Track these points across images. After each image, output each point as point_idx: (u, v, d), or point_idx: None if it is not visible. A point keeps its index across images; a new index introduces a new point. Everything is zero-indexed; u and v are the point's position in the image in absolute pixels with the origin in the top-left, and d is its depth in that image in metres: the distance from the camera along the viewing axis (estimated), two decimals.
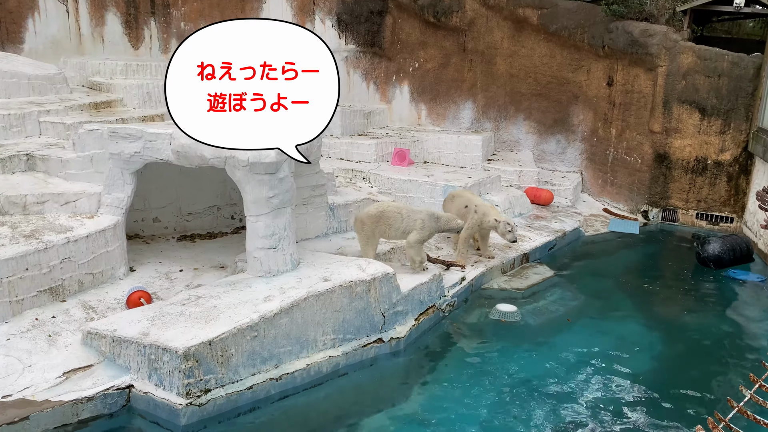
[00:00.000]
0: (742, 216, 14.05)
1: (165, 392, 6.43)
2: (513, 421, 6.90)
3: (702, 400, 7.28)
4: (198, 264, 9.29)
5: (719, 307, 10.14)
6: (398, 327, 8.41)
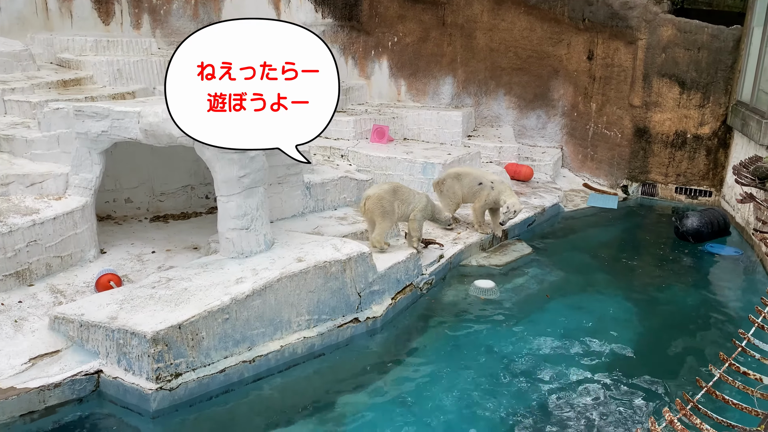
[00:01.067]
0: (721, 190, 14.10)
1: (134, 377, 6.32)
2: (491, 398, 6.88)
3: (676, 377, 7.31)
4: (171, 245, 9.11)
5: (697, 282, 10.18)
6: (375, 306, 8.33)
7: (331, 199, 10.49)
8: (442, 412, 6.64)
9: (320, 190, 10.29)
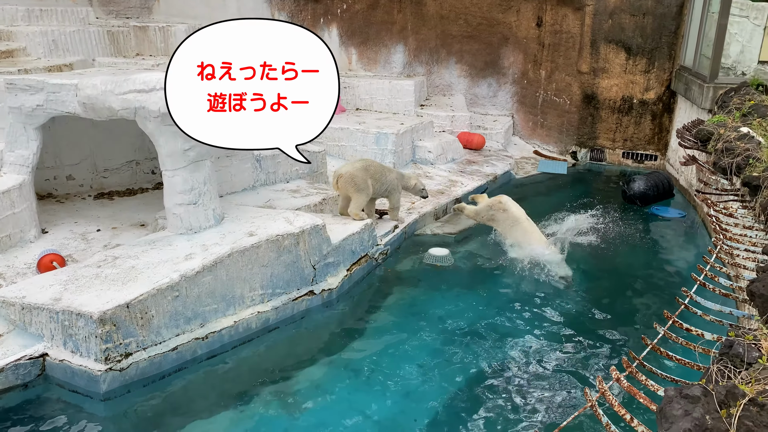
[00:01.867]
0: (666, 154, 14.48)
1: (82, 359, 6.13)
2: (448, 366, 6.96)
3: (625, 337, 7.55)
4: (117, 223, 8.82)
5: (644, 243, 10.48)
6: (330, 278, 8.29)
7: (282, 172, 10.31)
8: (399, 380, 6.69)
9: (271, 162, 10.10)
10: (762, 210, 6.18)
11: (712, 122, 9.30)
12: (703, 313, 4.65)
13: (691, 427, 2.49)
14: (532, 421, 5.97)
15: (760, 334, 3.43)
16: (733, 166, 7.33)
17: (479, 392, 6.50)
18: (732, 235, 6.12)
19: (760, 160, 6.97)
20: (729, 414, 2.54)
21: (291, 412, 6.19)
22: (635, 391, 3.43)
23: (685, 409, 2.55)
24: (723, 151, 7.78)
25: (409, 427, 6.03)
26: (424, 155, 13.31)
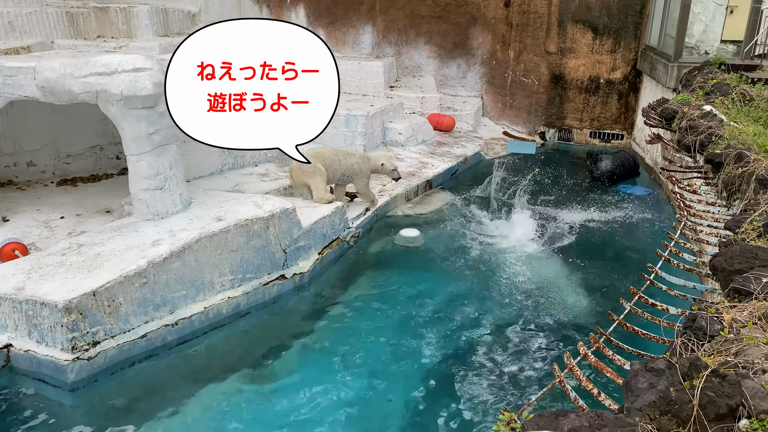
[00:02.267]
0: (632, 133, 14.68)
1: (48, 349, 6.02)
2: (420, 345, 7.01)
3: (593, 313, 7.69)
4: (81, 210, 8.63)
5: (611, 221, 10.64)
6: (301, 262, 8.24)
7: (251, 155, 10.20)
8: (372, 361, 6.72)
9: None
10: (724, 186, 6.31)
11: (677, 101, 9.44)
12: (668, 288, 4.74)
13: (656, 399, 2.54)
14: (502, 398, 6.05)
15: (722, 307, 3.51)
16: (696, 144, 7.46)
17: (451, 371, 6.56)
18: (695, 212, 6.24)
19: (722, 138, 7.10)
20: (692, 386, 2.60)
21: (265, 396, 6.18)
22: (602, 366, 3.49)
23: (650, 382, 2.60)
24: (687, 130, 7.91)
25: (384, 407, 6.07)
26: (394, 137, 13.27)
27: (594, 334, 3.85)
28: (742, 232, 4.84)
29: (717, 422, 2.53)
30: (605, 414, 2.48)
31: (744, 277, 3.72)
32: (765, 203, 5.22)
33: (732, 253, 4.00)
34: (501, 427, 2.56)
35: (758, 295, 3.56)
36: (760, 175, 5.71)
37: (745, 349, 3.06)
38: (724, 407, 2.54)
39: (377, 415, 5.94)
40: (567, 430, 2.37)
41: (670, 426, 2.52)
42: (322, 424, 5.82)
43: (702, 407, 2.53)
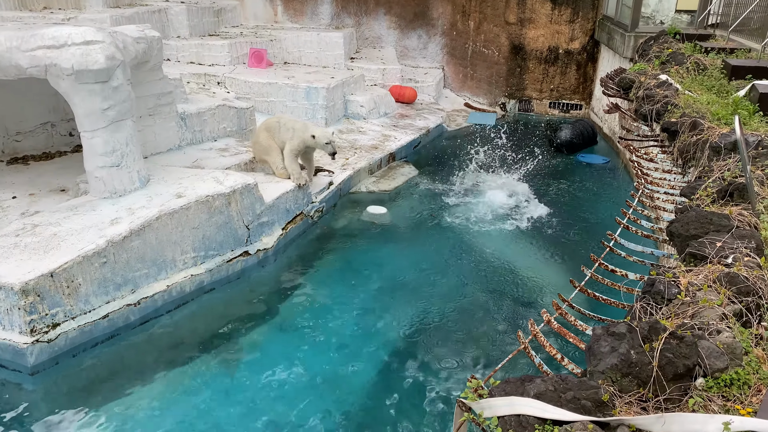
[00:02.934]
0: (590, 102, 14.88)
1: (5, 332, 5.86)
2: (385, 318, 7.06)
3: (556, 280, 7.85)
4: (34, 189, 8.33)
5: (571, 190, 10.83)
6: (265, 238, 8.17)
7: (209, 130, 9.99)
8: (337, 334, 6.75)
9: (197, 120, 9.74)
10: (680, 154, 6.47)
11: (633, 70, 9.58)
12: (627, 255, 4.87)
13: (618, 362, 2.62)
14: (468, 366, 6.17)
15: (679, 271, 3.63)
16: (653, 113, 7.61)
17: (417, 341, 6.64)
18: (653, 179, 6.39)
19: (677, 107, 7.26)
20: (652, 348, 2.69)
21: (232, 373, 6.15)
22: (565, 332, 3.57)
23: (612, 346, 2.68)
24: (643, 99, 8.05)
25: (349, 377, 6.11)
26: (356, 110, 13.17)
27: (556, 301, 3.94)
28: (697, 198, 4.98)
29: (675, 382, 2.63)
30: (569, 378, 2.55)
31: (699, 242, 3.84)
32: (718, 170, 5.37)
33: (688, 219, 4.11)
34: (468, 393, 2.60)
35: (713, 259, 3.68)
36: (714, 142, 5.87)
37: (701, 311, 3.17)
38: (681, 367, 2.63)
39: (344, 386, 5.98)
40: (533, 395, 2.42)
41: (631, 387, 2.60)
42: (289, 397, 5.84)
43: (661, 368, 2.62)
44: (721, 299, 3.23)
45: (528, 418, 2.36)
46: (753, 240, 3.81)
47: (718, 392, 2.67)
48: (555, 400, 2.42)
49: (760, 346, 3.02)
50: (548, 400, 2.42)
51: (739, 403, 2.60)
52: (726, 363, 2.74)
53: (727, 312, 3.15)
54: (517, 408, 2.38)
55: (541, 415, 2.36)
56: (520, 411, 2.37)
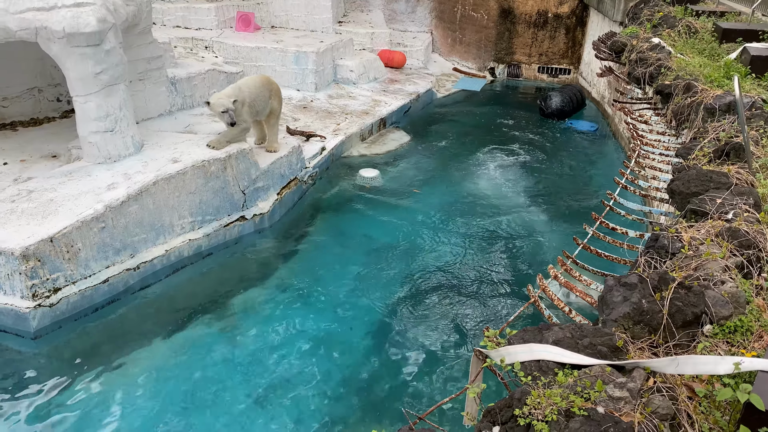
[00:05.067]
0: (579, 67, 14.90)
1: (7, 297, 5.86)
2: (380, 280, 7.16)
3: (560, 241, 7.97)
4: (24, 155, 8.22)
5: (564, 156, 10.93)
6: (260, 203, 8.18)
7: (200, 95, 9.87)
8: (334, 296, 6.84)
9: (187, 85, 9.62)
10: (673, 116, 6.56)
11: (626, 34, 9.61)
12: (626, 213, 4.98)
13: (630, 310, 2.72)
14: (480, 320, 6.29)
15: (681, 227, 3.73)
16: (646, 76, 7.67)
17: (415, 301, 6.75)
18: (647, 141, 6.49)
19: (670, 69, 7.33)
20: (662, 297, 2.79)
21: (230, 335, 6.23)
22: (571, 286, 3.68)
23: (624, 296, 2.78)
24: (636, 62, 8.10)
25: (348, 338, 6.21)
26: (346, 75, 13.07)
27: (561, 258, 4.04)
28: (693, 158, 5.08)
29: (684, 328, 2.74)
30: (585, 326, 2.65)
31: (700, 199, 3.95)
32: (713, 131, 5.47)
33: (688, 177, 4.21)
34: (487, 342, 2.69)
35: (713, 215, 3.79)
36: (708, 104, 5.96)
37: (704, 263, 3.29)
38: (690, 315, 2.75)
39: (342, 347, 6.08)
40: (551, 342, 2.52)
41: (643, 334, 2.71)
42: (288, 358, 5.93)
43: (671, 316, 2.73)
44: (724, 252, 3.35)
45: (548, 363, 2.46)
46: (751, 196, 3.92)
47: (724, 338, 2.79)
48: (572, 346, 2.52)
49: (760, 295, 3.15)
50: (566, 346, 2.52)
51: (743, 348, 2.73)
52: (731, 311, 2.86)
53: (729, 264, 3.27)
54: (536, 354, 2.47)
55: (560, 360, 2.46)
56: (540, 356, 2.47)
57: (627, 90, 8.56)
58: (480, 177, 9.88)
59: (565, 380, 2.33)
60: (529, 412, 2.17)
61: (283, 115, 10.17)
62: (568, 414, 2.13)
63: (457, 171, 10.13)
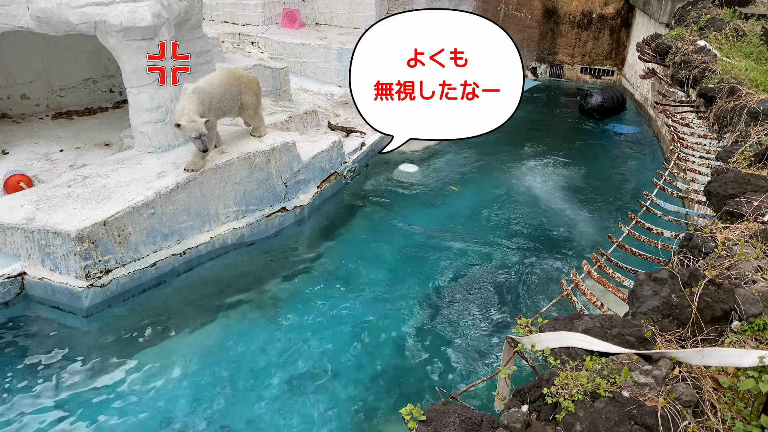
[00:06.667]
0: (622, 69, 14.75)
1: (62, 276, 6.20)
2: (417, 273, 7.30)
3: (595, 239, 7.99)
4: (79, 143, 8.64)
5: (604, 157, 10.90)
6: (301, 195, 8.41)
7: None
8: (370, 289, 7.00)
9: None
10: (716, 119, 6.52)
11: (671, 36, 9.52)
12: (663, 214, 5.01)
13: (659, 304, 2.81)
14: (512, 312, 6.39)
15: (716, 228, 3.78)
16: (690, 79, 7.62)
17: (451, 294, 6.87)
18: (688, 143, 6.47)
19: (715, 72, 7.27)
20: (691, 293, 2.87)
21: (268, 321, 6.46)
22: (604, 282, 3.76)
23: (654, 290, 2.86)
24: (680, 64, 8.05)
25: (382, 326, 6.37)
26: None
27: (596, 255, 4.12)
28: (733, 162, 5.08)
29: (712, 324, 2.82)
30: (614, 317, 2.75)
31: (736, 201, 3.98)
32: (755, 135, 5.45)
33: (726, 179, 4.24)
34: (519, 329, 2.82)
35: (749, 216, 3.82)
36: (752, 108, 5.92)
37: (737, 264, 3.34)
38: (719, 311, 2.82)
39: (378, 338, 6.23)
40: (581, 330, 2.63)
41: (671, 327, 2.79)
42: (323, 345, 6.11)
43: (700, 311, 2.80)
44: (757, 253, 3.39)
45: (577, 350, 2.57)
46: None
47: (752, 335, 2.85)
48: (601, 335, 2.63)
49: None
50: (595, 335, 2.62)
51: None
52: (760, 309, 2.92)
53: (762, 265, 3.31)
54: (566, 341, 2.59)
55: (589, 347, 2.57)
56: (569, 344, 2.58)
57: (669, 92, 8.50)
58: (518, 174, 9.93)
59: (592, 365, 2.44)
60: (557, 391, 2.28)
61: (324, 111, 10.40)
62: (593, 395, 2.24)
63: (495, 168, 10.19)
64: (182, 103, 6.75)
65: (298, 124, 9.82)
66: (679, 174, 5.83)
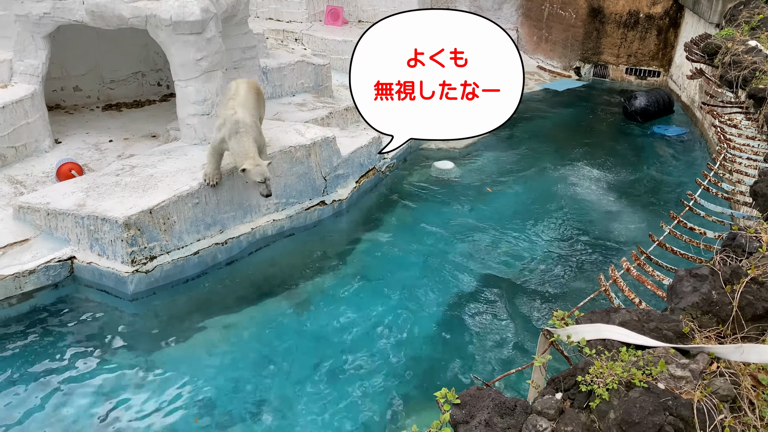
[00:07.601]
0: (669, 70, 14.43)
1: (109, 261, 6.43)
2: (453, 271, 7.31)
3: (634, 237, 7.88)
4: (128, 134, 8.92)
5: (648, 159, 10.69)
6: (340, 190, 8.51)
7: (288, 85, 10.32)
8: (404, 285, 7.02)
9: (277, 75, 10.09)
10: (765, 121, 6.36)
11: (721, 36, 9.29)
12: (706, 215, 4.92)
13: (699, 300, 2.78)
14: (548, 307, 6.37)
15: (761, 228, 3.70)
16: (739, 79, 7.44)
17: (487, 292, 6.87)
18: (735, 145, 6.32)
19: (766, 73, 7.08)
20: (733, 290, 2.83)
21: (304, 312, 6.57)
22: (643, 279, 3.73)
23: (694, 286, 2.84)
24: (730, 65, 7.86)
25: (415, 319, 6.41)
26: None
27: (635, 252, 4.08)
28: None
29: (753, 322, 2.78)
30: (652, 311, 2.74)
31: None
32: None
33: None
34: (556, 321, 2.83)
35: None
36: None
37: None
38: (761, 309, 2.78)
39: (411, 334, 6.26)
40: (618, 323, 2.63)
41: (711, 324, 2.77)
42: (356, 337, 6.19)
43: (741, 309, 2.77)
44: None
45: (612, 342, 2.57)
46: None
47: None
48: (638, 329, 2.62)
49: None
50: (632, 328, 2.62)
51: None
52: None
53: None
54: (602, 333, 2.59)
55: (625, 340, 2.56)
56: (605, 336, 2.58)
57: (717, 93, 8.31)
58: (557, 174, 9.84)
59: (628, 357, 2.44)
60: (591, 380, 2.29)
61: None
62: (628, 385, 2.25)
63: (535, 167, 10.11)
64: (242, 144, 6.41)
65: (338, 119, 9.94)
66: (725, 175, 5.71)
